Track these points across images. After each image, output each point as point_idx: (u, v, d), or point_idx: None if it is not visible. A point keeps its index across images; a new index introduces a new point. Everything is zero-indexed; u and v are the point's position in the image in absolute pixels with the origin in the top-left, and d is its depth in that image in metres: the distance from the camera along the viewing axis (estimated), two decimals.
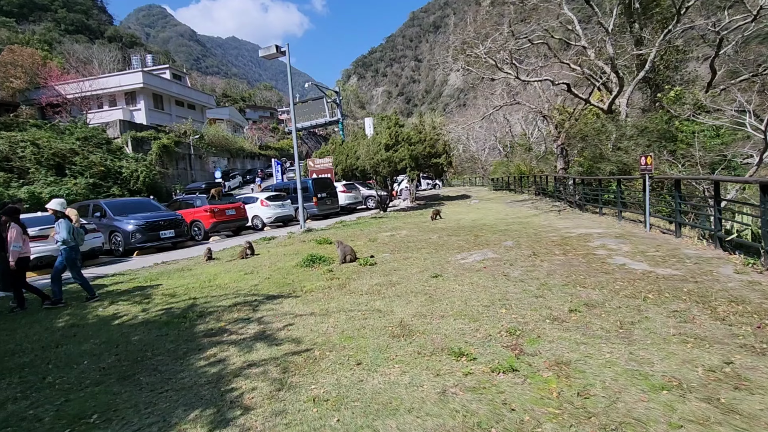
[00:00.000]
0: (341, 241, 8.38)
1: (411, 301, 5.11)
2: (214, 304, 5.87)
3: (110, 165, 27.71)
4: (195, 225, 14.73)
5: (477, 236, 10.02)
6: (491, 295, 5.05)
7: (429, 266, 7.08)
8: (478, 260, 7.08)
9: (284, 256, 9.83)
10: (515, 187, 24.73)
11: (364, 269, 7.44)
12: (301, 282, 6.85)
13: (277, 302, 5.70)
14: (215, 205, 14.56)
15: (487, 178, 37.29)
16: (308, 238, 12.69)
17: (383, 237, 11.68)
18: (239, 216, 15.33)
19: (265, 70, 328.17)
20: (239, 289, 6.68)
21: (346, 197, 21.29)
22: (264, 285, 6.85)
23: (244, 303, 5.79)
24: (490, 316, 4.32)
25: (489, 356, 3.36)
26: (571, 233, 9.10)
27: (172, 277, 8.34)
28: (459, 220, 14.34)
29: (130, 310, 6.02)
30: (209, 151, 42.41)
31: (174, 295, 6.74)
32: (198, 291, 6.84)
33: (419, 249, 9.03)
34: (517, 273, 6.02)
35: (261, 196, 17.27)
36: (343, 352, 3.70)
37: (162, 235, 12.44)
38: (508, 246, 8.18)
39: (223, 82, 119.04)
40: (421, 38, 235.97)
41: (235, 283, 7.27)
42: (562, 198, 16.41)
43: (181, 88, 45.51)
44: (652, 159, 8.03)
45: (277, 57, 14.95)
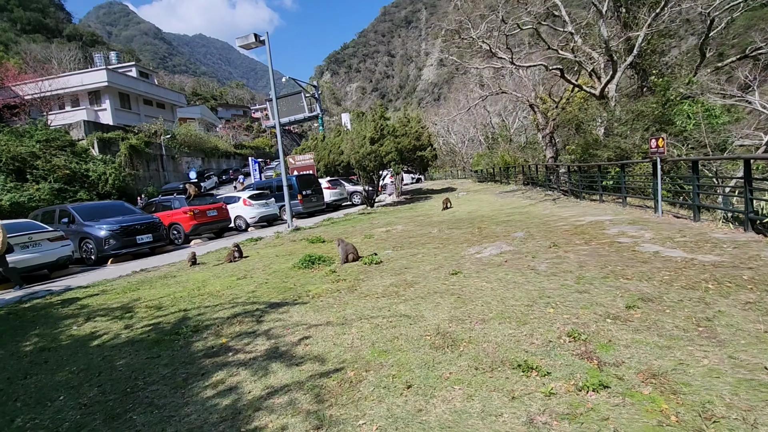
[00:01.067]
0: (341, 239, 7.73)
1: (439, 303, 4.54)
2: (210, 316, 5.15)
3: (76, 168, 26.08)
4: (174, 228, 13.76)
5: (481, 228, 9.54)
6: (528, 293, 4.53)
7: (443, 262, 6.53)
8: (495, 254, 6.57)
9: (277, 257, 9.12)
10: (501, 178, 24.50)
11: (370, 269, 6.83)
12: (304, 286, 6.19)
13: (282, 311, 5.03)
14: (195, 206, 13.62)
15: (469, 170, 37.09)
16: (298, 238, 11.98)
17: (379, 233, 11.08)
18: (221, 217, 14.42)
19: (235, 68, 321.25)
20: (235, 297, 5.97)
21: (331, 194, 20.56)
22: (263, 291, 6.16)
23: (245, 313, 5.09)
24: (538, 318, 3.79)
25: (564, 369, 2.82)
26: (580, 221, 8.72)
27: (154, 286, 7.52)
28: (454, 212, 13.87)
29: (110, 328, 5.23)
30: (182, 151, 40.74)
31: (160, 307, 5.97)
32: (188, 301, 6.08)
33: (423, 244, 8.47)
34: (544, 266, 5.53)
35: (243, 195, 16.37)
36: (383, 372, 3.09)
37: (139, 240, 11.48)
38: (520, 237, 7.72)
39: (193, 81, 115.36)
40: (393, 33, 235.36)
41: (229, 289, 6.54)
42: (554, 187, 16.16)
43: (149, 86, 43.51)
44: (664, 141, 7.69)
45: (255, 46, 14.08)
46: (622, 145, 11.38)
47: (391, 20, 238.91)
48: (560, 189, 15.30)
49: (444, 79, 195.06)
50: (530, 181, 19.71)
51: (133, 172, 32.01)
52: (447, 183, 33.09)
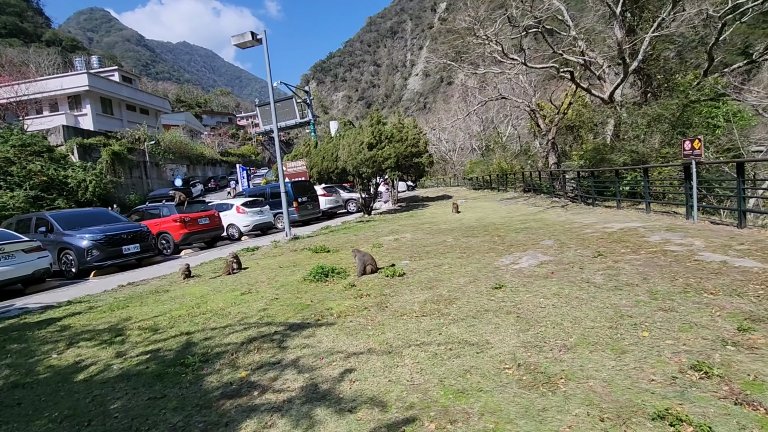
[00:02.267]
0: (357, 248, 7.00)
1: (499, 325, 3.84)
2: (220, 341, 4.35)
3: (53, 174, 24.74)
4: (162, 237, 12.80)
5: (501, 237, 8.91)
6: (600, 311, 3.87)
7: (477, 274, 5.85)
8: (534, 264, 5.93)
9: (281, 269, 8.32)
10: (498, 186, 24.09)
11: (394, 282, 6.10)
12: (323, 302, 5.43)
13: (307, 334, 4.27)
14: (186, 214, 12.70)
15: (462, 177, 36.73)
16: (299, 247, 11.18)
17: (387, 242, 10.37)
18: (214, 225, 13.51)
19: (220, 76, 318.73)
20: (245, 317, 5.17)
21: (326, 201, 19.78)
22: (276, 309, 5.37)
23: (262, 337, 4.31)
24: (635, 344, 3.13)
25: (723, 421, 2.15)
26: (609, 228, 8.16)
27: (146, 303, 6.65)
28: (461, 220, 13.26)
29: (98, 356, 4.38)
30: (166, 158, 39.44)
31: (156, 329, 5.13)
32: (189, 321, 5.26)
33: (443, 254, 7.79)
34: (600, 279, 4.90)
35: (236, 202, 15.47)
36: (476, 425, 2.37)
37: (125, 250, 10.52)
38: (551, 246, 7.10)
39: (176, 88, 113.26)
40: (379, 43, 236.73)
41: (234, 307, 5.73)
42: (560, 193, 15.72)
43: (132, 92, 42.15)
44: (701, 143, 7.21)
45: (251, 45, 13.34)
46: (640, 149, 10.98)
47: (377, 30, 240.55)
48: (567, 195, 14.84)
49: (430, 88, 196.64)
50: (531, 188, 19.28)
51: (115, 179, 30.69)
52: (441, 191, 32.62)
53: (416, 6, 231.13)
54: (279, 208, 17.07)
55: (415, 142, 23.07)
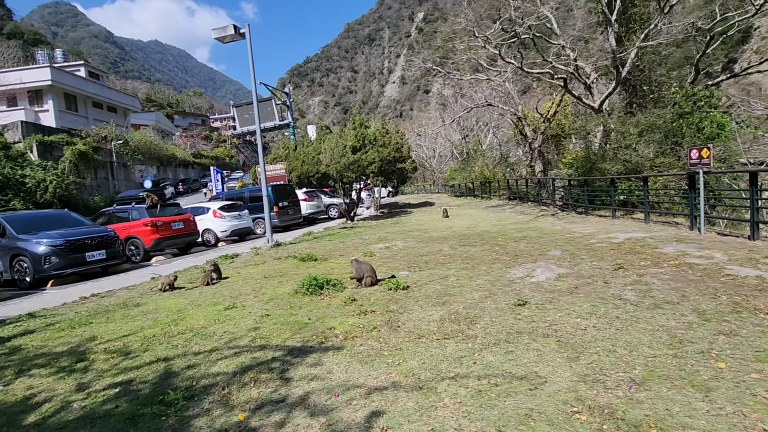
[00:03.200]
0: (357, 258, 6.39)
1: (541, 352, 3.32)
2: (207, 371, 3.65)
3: (9, 174, 22.98)
4: (131, 243, 11.78)
5: (502, 246, 8.49)
6: (653, 335, 3.41)
7: (491, 288, 5.34)
8: (552, 277, 5.47)
9: (266, 279, 7.61)
10: (481, 193, 23.91)
11: (398, 296, 5.53)
12: (323, 320, 4.80)
13: (312, 361, 3.63)
14: (158, 218, 11.73)
15: (442, 184, 36.55)
16: (283, 255, 10.46)
17: (378, 250, 9.79)
18: (188, 230, 12.57)
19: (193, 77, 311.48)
20: (233, 337, 4.47)
21: (308, 206, 19.02)
22: (268, 327, 4.70)
23: (258, 365, 3.64)
24: (715, 379, 2.66)
25: None
26: (614, 238, 7.85)
27: (113, 319, 5.82)
28: (451, 227, 12.82)
29: (55, 389, 3.60)
30: (135, 158, 37.63)
31: (127, 352, 4.36)
32: (165, 343, 4.51)
33: (444, 264, 7.28)
34: (632, 295, 4.48)
35: (213, 205, 14.54)
36: None
37: (89, 257, 9.51)
38: (561, 257, 6.69)
39: (147, 87, 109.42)
40: (356, 50, 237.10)
41: (218, 324, 5.02)
42: (547, 202, 15.55)
43: (99, 88, 40.10)
44: (710, 152, 7.00)
45: (232, 40, 12.58)
46: (633, 158, 10.85)
47: (355, 37, 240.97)
48: (556, 204, 14.66)
49: (407, 96, 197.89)
50: (516, 195, 19.12)
51: (79, 180, 28.88)
52: (422, 197, 32.29)
53: (394, 15, 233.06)
54: (258, 212, 16.24)
55: (398, 148, 22.65)
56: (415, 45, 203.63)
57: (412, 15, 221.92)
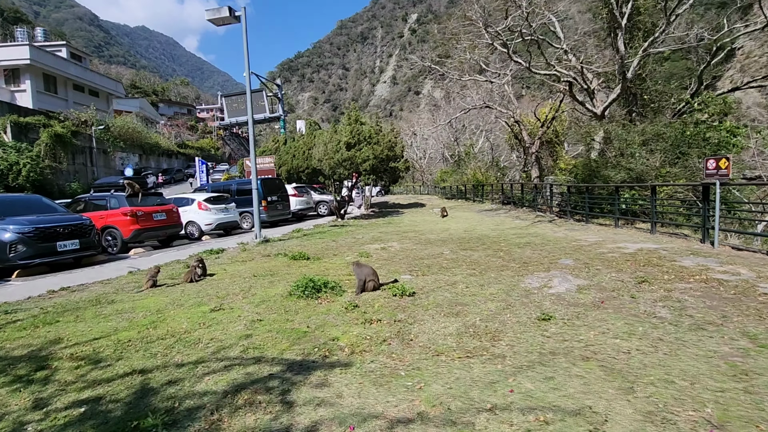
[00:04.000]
0: (358, 261, 5.88)
1: (585, 379, 2.88)
2: (191, 388, 3.11)
3: None
4: (108, 233, 11.02)
5: (506, 252, 8.09)
6: (708, 363, 3.01)
7: (506, 299, 4.91)
8: (572, 289, 5.06)
9: (255, 278, 7.05)
10: (473, 196, 23.62)
11: (404, 303, 5.05)
12: (323, 329, 4.29)
13: (317, 380, 3.12)
14: (139, 207, 10.99)
15: (432, 186, 36.21)
16: (272, 252, 9.88)
17: (375, 251, 9.30)
18: (171, 222, 11.85)
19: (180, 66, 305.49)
20: (221, 346, 3.93)
21: (297, 202, 18.40)
22: (261, 335, 4.16)
23: (253, 383, 3.12)
24: None
25: None
26: (624, 248, 7.52)
27: (84, 318, 5.20)
28: (447, 230, 12.41)
29: (7, 405, 3.01)
30: (116, 145, 36.26)
31: (97, 360, 3.78)
32: (143, 350, 3.94)
33: (448, 269, 6.83)
34: (667, 313, 4.09)
35: (198, 197, 13.81)
36: None
37: (60, 246, 8.77)
38: (574, 266, 6.31)
39: (132, 74, 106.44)
40: (348, 47, 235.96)
41: (204, 329, 4.46)
42: (542, 208, 15.27)
43: (81, 71, 38.55)
44: (728, 162, 6.72)
45: (227, 23, 11.93)
46: (638, 166, 10.61)
47: (348, 35, 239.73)
48: (552, 210, 14.39)
49: (397, 96, 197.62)
50: (510, 200, 18.85)
51: (55, 164, 27.59)
52: (411, 198, 31.89)
53: (388, 14, 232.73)
54: (245, 206, 15.59)
55: (391, 146, 22.18)
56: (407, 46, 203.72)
57: (405, 16, 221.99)
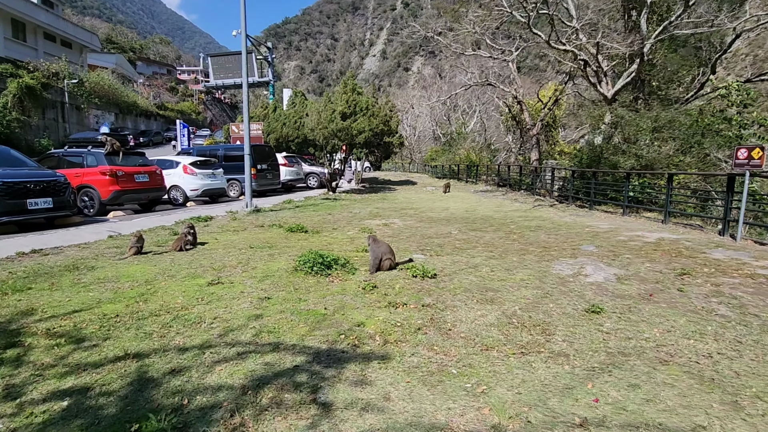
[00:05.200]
0: (374, 236, 5.34)
1: (679, 390, 2.46)
2: (201, 380, 2.56)
3: None
4: (84, 193, 10.13)
5: (520, 235, 7.69)
6: None
7: (543, 287, 4.48)
8: (610, 279, 4.67)
9: (251, 249, 6.46)
10: (466, 177, 23.21)
11: (427, 285, 4.57)
12: (343, 311, 3.78)
13: (353, 376, 2.62)
14: (119, 166, 10.09)
15: (422, 164, 35.62)
16: (265, 222, 9.24)
17: (377, 227, 8.78)
18: (155, 184, 10.98)
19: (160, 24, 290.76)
20: (228, 327, 3.38)
21: (287, 172, 17.60)
22: (274, 316, 3.62)
23: (274, 376, 2.59)
24: None
25: None
26: (643, 237, 7.20)
27: (61, 286, 4.54)
28: (447, 209, 11.97)
29: None
30: (91, 101, 34.18)
31: (79, 338, 3.18)
32: (134, 328, 3.36)
33: (463, 250, 6.38)
34: (727, 311, 3.73)
35: (183, 160, 12.89)
36: None
37: (31, 204, 7.92)
38: (601, 254, 5.93)
39: (108, 27, 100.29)
40: (338, 17, 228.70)
41: (204, 306, 3.89)
42: (541, 191, 14.97)
43: (53, 18, 35.82)
44: (763, 153, 6.39)
45: None
46: (650, 153, 10.29)
47: (338, 3, 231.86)
48: (552, 195, 14.09)
49: (386, 71, 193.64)
50: (504, 182, 18.50)
51: (24, 118, 25.76)
52: (401, 175, 31.28)
53: None
54: (232, 172, 14.77)
55: (386, 120, 21.43)
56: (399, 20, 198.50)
57: None
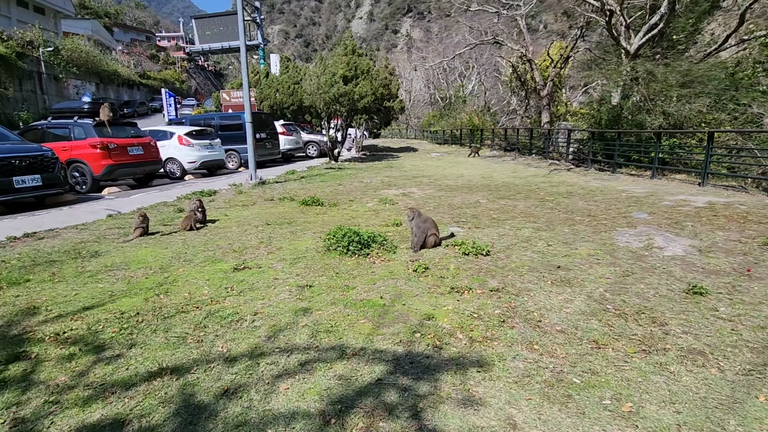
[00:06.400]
0: (415, 208, 4.72)
1: None
2: (264, 405, 2.02)
3: None
4: (75, 168, 9.31)
5: (556, 202, 7.16)
6: None
7: (618, 263, 3.96)
8: (690, 252, 4.16)
9: (269, 226, 5.86)
10: (469, 142, 22.43)
11: (483, 264, 4.04)
12: (403, 300, 3.24)
13: (457, 394, 2.09)
14: (111, 138, 9.24)
15: (420, 130, 34.57)
16: (274, 195, 8.60)
17: (396, 197, 8.19)
18: (150, 157, 10.15)
19: None
20: (275, 326, 2.82)
21: (286, 141, 16.72)
22: (325, 310, 3.07)
23: (356, 395, 2.06)
24: None
25: None
26: (691, 202, 6.70)
27: (64, 276, 3.94)
28: (462, 175, 11.35)
29: None
30: (69, 71, 32.26)
31: (99, 346, 2.61)
32: (161, 330, 2.79)
33: (502, 221, 5.85)
34: None
35: (179, 130, 11.98)
36: None
37: (18, 183, 7.15)
38: (657, 222, 5.43)
39: None
40: None
41: (236, 297, 3.34)
42: (554, 155, 14.37)
43: None
44: None
45: None
46: (681, 110, 9.64)
47: None
48: (567, 158, 13.51)
49: (373, 35, 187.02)
50: (513, 146, 17.83)
51: (0, 90, 24.21)
52: (400, 142, 30.36)
53: None
54: (230, 143, 13.95)
55: (386, 83, 20.39)
56: None
57: None
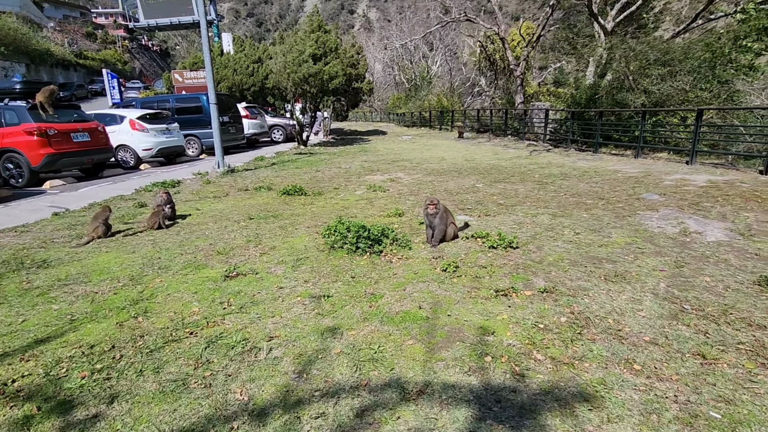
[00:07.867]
0: (436, 199, 4.12)
1: None
2: None
3: None
4: (7, 158, 8.01)
5: (556, 185, 6.82)
6: None
7: (662, 251, 3.62)
8: (732, 236, 3.88)
9: (252, 221, 5.17)
10: (439, 124, 22.01)
11: (517, 259, 3.58)
12: (446, 310, 2.72)
13: None
14: (51, 123, 7.99)
15: (385, 113, 33.82)
16: (248, 185, 7.77)
17: (385, 184, 7.61)
18: (98, 144, 8.93)
19: None
20: (301, 355, 2.22)
21: (250, 125, 15.56)
22: (357, 330, 2.50)
23: None
24: None
25: None
26: (690, 181, 6.57)
27: (6, 297, 3.13)
28: (444, 159, 10.90)
29: None
30: None
31: (66, 403, 1.90)
32: (150, 369, 2.11)
33: (511, 207, 5.43)
34: None
35: (130, 114, 10.68)
36: None
37: None
38: (674, 203, 5.18)
39: None
40: None
41: (237, 315, 2.70)
42: (530, 136, 14.22)
43: None
44: None
45: None
46: (664, 88, 9.58)
47: None
48: (544, 139, 13.37)
49: (329, 15, 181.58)
50: (486, 128, 17.58)
51: None
52: (367, 125, 29.53)
53: None
54: (188, 127, 12.75)
55: (353, 63, 19.53)
56: None
57: None
